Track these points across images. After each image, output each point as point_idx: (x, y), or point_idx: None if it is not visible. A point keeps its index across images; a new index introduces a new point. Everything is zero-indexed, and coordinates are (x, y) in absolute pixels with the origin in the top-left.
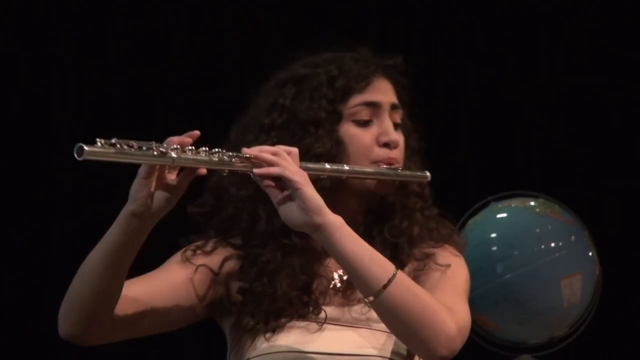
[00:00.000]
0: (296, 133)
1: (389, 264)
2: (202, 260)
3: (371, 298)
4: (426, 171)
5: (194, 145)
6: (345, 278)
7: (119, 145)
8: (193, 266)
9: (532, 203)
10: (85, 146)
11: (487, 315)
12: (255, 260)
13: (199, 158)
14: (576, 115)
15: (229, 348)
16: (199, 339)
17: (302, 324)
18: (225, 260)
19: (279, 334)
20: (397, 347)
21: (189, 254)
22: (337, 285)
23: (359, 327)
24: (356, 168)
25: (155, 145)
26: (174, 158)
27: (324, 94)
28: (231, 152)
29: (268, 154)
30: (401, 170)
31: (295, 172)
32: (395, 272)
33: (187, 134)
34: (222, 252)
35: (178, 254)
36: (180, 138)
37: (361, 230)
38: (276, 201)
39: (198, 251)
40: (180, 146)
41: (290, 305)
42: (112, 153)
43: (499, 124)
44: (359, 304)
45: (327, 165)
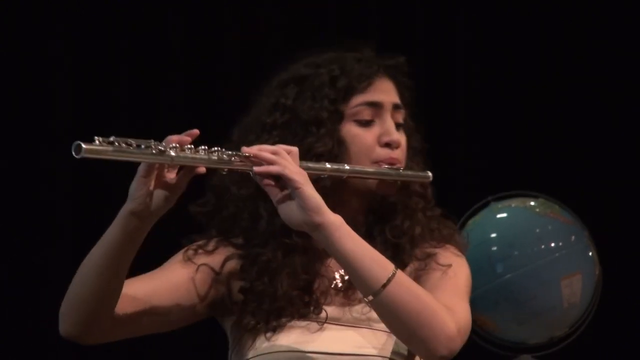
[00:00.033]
0: (298, 133)
1: (388, 264)
2: (203, 259)
3: (370, 297)
4: (428, 171)
5: (193, 144)
6: (346, 278)
7: (117, 144)
8: (194, 265)
9: (532, 203)
10: (83, 144)
11: (487, 315)
12: (256, 259)
13: (197, 157)
14: (576, 115)
15: (230, 347)
16: (200, 338)
17: (302, 323)
18: (227, 259)
19: (280, 333)
20: (397, 347)
21: (191, 253)
22: (338, 285)
23: (359, 327)
24: (357, 168)
25: (154, 144)
26: (172, 156)
27: (326, 94)
28: (231, 150)
29: (267, 152)
30: (403, 170)
31: (294, 171)
32: (395, 271)
33: (186, 133)
34: (223, 251)
35: (179, 254)
36: (179, 137)
37: (362, 230)
38: (276, 200)
39: (199, 250)
40: (179, 145)
41: (291, 304)
42: (110, 151)
43: (499, 124)
44: (360, 304)
45: (327, 165)
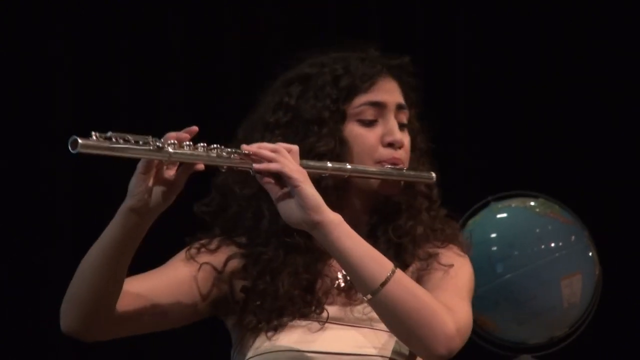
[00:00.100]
0: (300, 132)
1: (387, 263)
2: (206, 258)
3: (369, 296)
4: (432, 172)
5: (193, 142)
6: (349, 278)
7: (114, 139)
8: (197, 264)
9: (532, 203)
10: (79, 139)
11: (487, 315)
12: (259, 258)
13: (196, 153)
14: (576, 115)
15: (233, 346)
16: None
17: (304, 323)
18: (229, 258)
19: (281, 332)
20: (398, 346)
21: (193, 251)
22: (341, 284)
23: (361, 327)
24: (359, 167)
25: (152, 140)
26: (170, 153)
27: (328, 93)
28: (230, 148)
29: (267, 150)
30: (406, 170)
31: (294, 169)
32: (394, 270)
33: (185, 130)
34: (226, 250)
35: (182, 252)
36: (177, 133)
37: (366, 230)
38: (275, 198)
39: (202, 249)
40: (177, 141)
41: (292, 304)
42: (107, 147)
43: (499, 124)
44: (361, 304)
45: (329, 164)
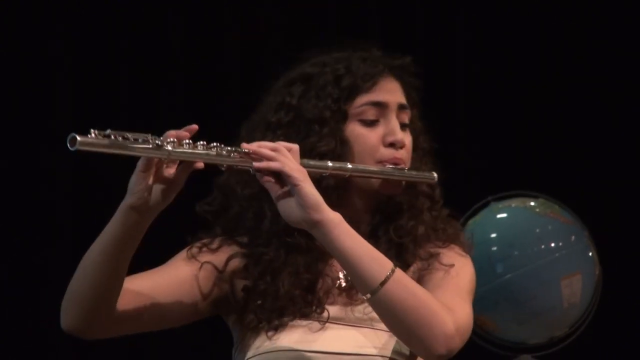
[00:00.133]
0: (301, 131)
1: (387, 262)
2: (207, 257)
3: (368, 295)
4: (433, 172)
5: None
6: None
7: (113, 137)
8: (198, 263)
9: (532, 203)
10: (77, 136)
11: (487, 315)
12: (260, 258)
13: (195, 152)
14: (576, 115)
15: (234, 345)
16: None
17: (304, 323)
18: (230, 258)
19: (281, 332)
20: (399, 346)
21: (195, 251)
22: (342, 284)
23: (361, 327)
24: (360, 167)
25: (151, 138)
26: (169, 151)
27: (330, 93)
28: (230, 146)
29: (267, 149)
30: (407, 170)
31: (294, 168)
32: (394, 269)
33: (185, 128)
34: (227, 250)
35: (184, 251)
36: (177, 132)
37: (367, 230)
38: (275, 197)
39: (204, 248)
40: (177, 140)
41: (293, 303)
42: (106, 144)
43: (499, 124)
44: (362, 304)
45: (329, 163)
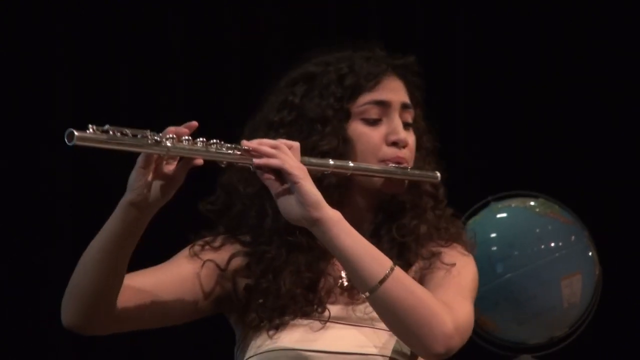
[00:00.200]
0: (304, 130)
1: (386, 260)
2: (209, 255)
3: (367, 294)
4: (436, 172)
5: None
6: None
7: (111, 132)
8: (200, 261)
9: (532, 203)
10: (75, 131)
11: (487, 315)
12: (262, 257)
13: (195, 148)
14: (576, 115)
15: (236, 344)
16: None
17: (305, 322)
18: (232, 256)
19: (283, 331)
20: (399, 346)
21: (197, 248)
22: (344, 284)
23: (362, 326)
24: (361, 165)
25: (150, 134)
26: (168, 147)
27: (333, 92)
28: (230, 144)
29: (267, 146)
30: (410, 169)
31: (294, 165)
32: (393, 267)
33: (185, 125)
34: (229, 248)
35: (186, 249)
36: (177, 128)
37: (370, 229)
38: (275, 194)
39: (206, 246)
40: (176, 136)
41: (294, 302)
42: (104, 139)
43: (499, 124)
44: (363, 304)
45: (331, 162)
